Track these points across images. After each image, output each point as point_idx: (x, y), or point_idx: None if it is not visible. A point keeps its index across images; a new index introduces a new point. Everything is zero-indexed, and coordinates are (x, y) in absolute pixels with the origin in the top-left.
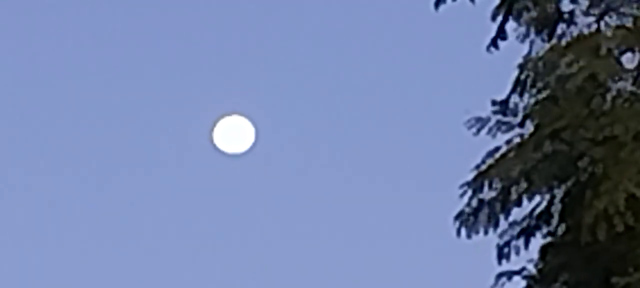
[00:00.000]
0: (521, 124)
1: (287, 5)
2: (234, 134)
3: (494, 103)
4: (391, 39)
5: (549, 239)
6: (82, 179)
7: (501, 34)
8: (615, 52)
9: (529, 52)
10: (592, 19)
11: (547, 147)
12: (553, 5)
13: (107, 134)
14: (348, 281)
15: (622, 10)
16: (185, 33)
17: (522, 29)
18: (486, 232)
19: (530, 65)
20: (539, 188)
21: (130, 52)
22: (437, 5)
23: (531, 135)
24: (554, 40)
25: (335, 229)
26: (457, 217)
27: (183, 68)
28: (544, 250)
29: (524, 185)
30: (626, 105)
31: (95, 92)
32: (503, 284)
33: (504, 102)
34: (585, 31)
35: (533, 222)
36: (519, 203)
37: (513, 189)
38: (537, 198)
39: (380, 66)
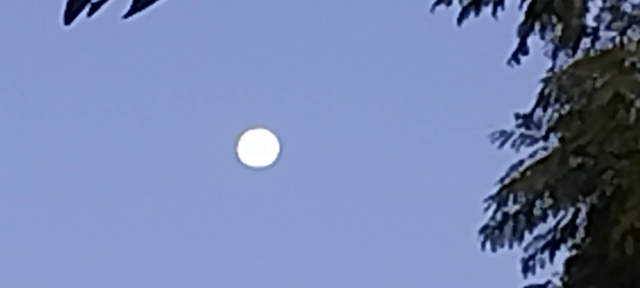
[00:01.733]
0: (545, 138)
1: (312, 20)
2: (258, 147)
3: (517, 117)
4: (416, 54)
5: (574, 252)
6: (104, 192)
7: (523, 48)
8: (638, 65)
9: (553, 67)
10: (614, 33)
11: (572, 160)
12: (576, 20)
13: (131, 147)
14: None
15: None
16: (209, 46)
17: (546, 44)
18: (511, 246)
19: (554, 79)
20: (563, 201)
21: (154, 66)
22: (460, 20)
23: (555, 149)
24: (577, 55)
25: (360, 243)
26: (482, 231)
27: (206, 81)
28: (569, 263)
29: (548, 198)
30: None
31: (119, 106)
32: None
33: (528, 116)
34: (609, 45)
35: (558, 235)
36: (543, 217)
37: (537, 203)
38: (562, 211)
39: (405, 80)
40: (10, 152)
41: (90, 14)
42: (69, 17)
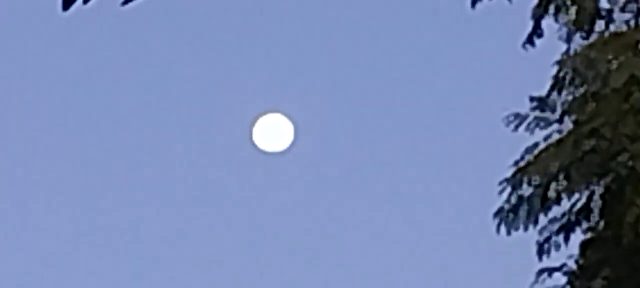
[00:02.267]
0: (560, 121)
1: (328, 5)
2: (274, 133)
3: (532, 100)
4: (431, 37)
5: (589, 235)
6: (118, 178)
7: (538, 30)
8: None
9: (568, 50)
10: (629, 15)
11: (586, 143)
12: (591, 3)
13: (146, 132)
14: (388, 278)
15: None
16: (224, 31)
17: (561, 27)
18: (526, 229)
19: (569, 62)
20: (578, 184)
21: (169, 51)
22: (474, 4)
23: (570, 131)
24: (592, 37)
25: (374, 228)
26: (496, 214)
27: (222, 66)
28: (584, 246)
29: (563, 181)
30: None
31: (134, 92)
32: (544, 281)
33: (543, 99)
34: (623, 27)
35: (573, 218)
36: (558, 200)
37: (552, 186)
38: (577, 194)
39: (420, 64)
40: (26, 140)
41: (86, 0)
42: (67, 3)
